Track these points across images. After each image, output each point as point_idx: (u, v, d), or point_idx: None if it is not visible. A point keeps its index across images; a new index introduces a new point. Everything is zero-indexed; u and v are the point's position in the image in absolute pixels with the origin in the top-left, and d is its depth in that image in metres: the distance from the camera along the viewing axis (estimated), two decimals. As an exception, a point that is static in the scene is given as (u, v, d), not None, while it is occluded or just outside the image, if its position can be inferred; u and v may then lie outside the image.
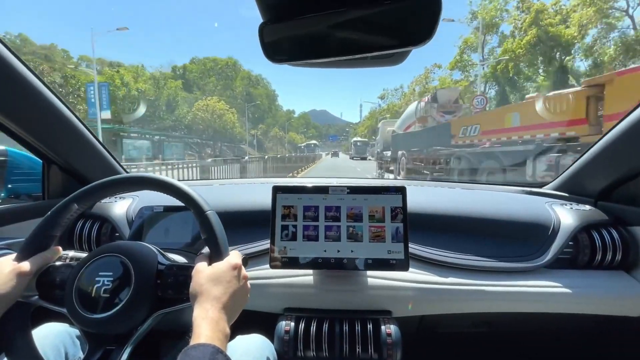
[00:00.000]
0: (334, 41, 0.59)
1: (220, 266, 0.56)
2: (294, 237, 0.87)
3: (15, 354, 0.55)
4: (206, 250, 0.61)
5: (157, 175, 0.65)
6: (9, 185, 1.07)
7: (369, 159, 34.62)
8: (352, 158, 40.69)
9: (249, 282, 0.61)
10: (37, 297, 0.60)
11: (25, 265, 0.57)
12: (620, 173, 0.98)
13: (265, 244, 0.92)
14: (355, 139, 46.52)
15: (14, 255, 0.59)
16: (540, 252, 0.93)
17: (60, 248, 0.65)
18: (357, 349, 0.80)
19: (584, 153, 1.07)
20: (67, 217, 0.64)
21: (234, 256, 0.59)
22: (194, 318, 0.48)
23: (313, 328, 0.82)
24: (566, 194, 1.16)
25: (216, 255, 0.58)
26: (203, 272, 0.55)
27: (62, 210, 0.63)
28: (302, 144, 78.28)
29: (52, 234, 0.63)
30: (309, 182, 0.92)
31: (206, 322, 0.47)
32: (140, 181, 0.65)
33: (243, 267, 0.59)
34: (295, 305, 0.89)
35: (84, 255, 0.64)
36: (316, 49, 0.60)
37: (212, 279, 0.53)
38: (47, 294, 0.60)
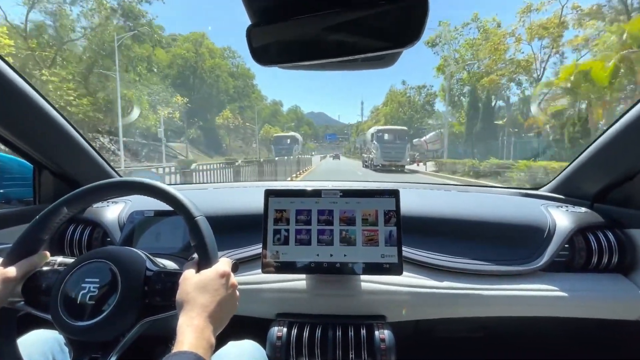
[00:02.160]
0: (322, 43, 0.59)
1: (208, 274, 0.55)
2: (286, 242, 0.86)
3: None
4: (195, 256, 0.61)
5: (147, 179, 0.65)
6: (0, 190, 1.06)
7: (409, 168, 19.61)
8: (372, 167, 20.60)
9: (240, 287, 0.60)
10: (22, 302, 0.59)
11: (12, 271, 0.56)
12: (616, 175, 0.98)
13: (257, 249, 0.91)
14: (377, 128, 22.50)
15: (0, 260, 0.59)
16: (536, 255, 0.92)
17: (48, 253, 0.64)
18: (351, 355, 0.78)
19: (580, 154, 1.06)
20: (56, 221, 0.63)
21: (223, 263, 0.58)
22: (179, 326, 0.48)
23: (306, 334, 0.81)
24: (562, 196, 1.15)
25: (204, 262, 0.57)
26: (190, 279, 0.54)
27: (52, 213, 0.62)
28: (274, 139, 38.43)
29: (41, 237, 0.62)
30: (301, 186, 0.91)
31: (191, 330, 0.46)
32: (130, 186, 0.65)
33: (232, 275, 0.58)
34: (287, 310, 0.88)
35: (72, 260, 0.63)
36: (304, 52, 0.59)
37: (199, 287, 0.52)
38: (32, 300, 0.59)
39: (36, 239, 0.62)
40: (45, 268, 0.62)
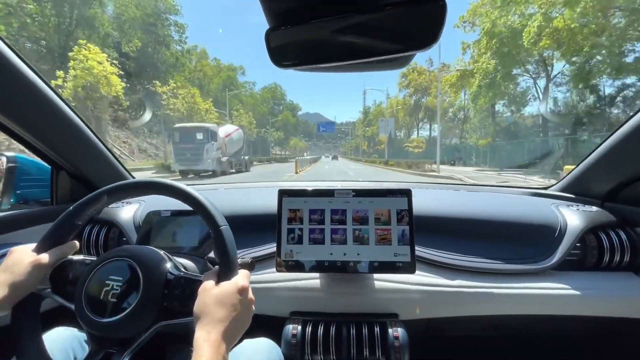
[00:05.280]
0: (339, 46, 0.60)
1: (227, 287, 0.55)
2: (300, 241, 0.87)
3: (24, 353, 0.56)
4: (214, 266, 0.61)
5: (179, 183, 0.66)
6: (18, 191, 1.09)
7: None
8: None
9: (255, 285, 0.61)
10: (49, 290, 0.61)
11: (45, 257, 0.59)
12: (626, 174, 0.98)
13: (271, 248, 0.92)
14: None
15: (34, 245, 0.61)
16: (548, 254, 0.92)
17: (77, 243, 0.66)
18: (365, 352, 0.79)
19: (590, 154, 1.06)
20: (94, 208, 0.65)
21: (242, 277, 0.57)
22: (196, 339, 0.48)
23: (320, 332, 0.82)
24: (573, 195, 1.16)
25: (225, 273, 0.57)
26: (209, 291, 0.54)
27: (93, 200, 0.64)
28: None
29: (77, 223, 0.64)
30: (314, 186, 0.92)
31: (208, 345, 0.47)
32: (162, 187, 0.65)
33: (250, 290, 0.57)
34: (301, 308, 0.89)
35: (94, 258, 0.65)
36: (322, 54, 0.61)
37: (217, 300, 0.53)
38: (59, 289, 0.61)
39: (72, 224, 0.64)
40: (74, 257, 0.64)
